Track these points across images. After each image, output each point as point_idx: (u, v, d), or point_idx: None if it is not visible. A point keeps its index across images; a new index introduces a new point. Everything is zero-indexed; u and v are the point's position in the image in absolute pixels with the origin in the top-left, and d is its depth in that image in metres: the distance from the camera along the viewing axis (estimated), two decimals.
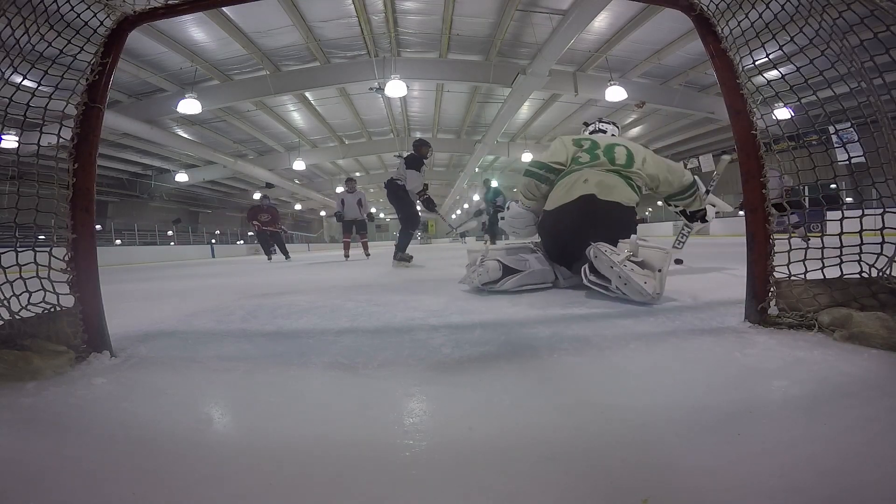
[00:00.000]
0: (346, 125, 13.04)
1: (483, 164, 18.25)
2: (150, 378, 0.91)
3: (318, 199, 23.75)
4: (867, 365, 0.78)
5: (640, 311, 1.38)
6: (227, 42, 7.63)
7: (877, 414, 0.59)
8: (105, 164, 14.08)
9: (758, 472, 0.47)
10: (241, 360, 1.02)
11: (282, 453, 0.56)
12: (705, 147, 16.03)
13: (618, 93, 8.32)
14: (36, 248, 1.00)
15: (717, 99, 10.08)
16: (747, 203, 1.11)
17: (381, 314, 1.54)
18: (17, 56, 1.02)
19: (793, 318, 1.04)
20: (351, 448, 0.57)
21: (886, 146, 0.99)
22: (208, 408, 0.77)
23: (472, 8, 7.07)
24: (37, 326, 0.95)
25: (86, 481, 0.51)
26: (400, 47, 8.39)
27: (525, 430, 0.61)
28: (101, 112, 1.08)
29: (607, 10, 6.52)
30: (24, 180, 1.00)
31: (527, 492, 0.46)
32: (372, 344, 1.13)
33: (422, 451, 0.56)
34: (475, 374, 0.85)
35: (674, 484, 0.46)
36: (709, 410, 0.64)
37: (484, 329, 1.23)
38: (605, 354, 0.95)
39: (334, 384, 0.84)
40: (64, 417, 0.71)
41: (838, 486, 0.44)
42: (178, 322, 1.58)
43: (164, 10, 1.19)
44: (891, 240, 0.97)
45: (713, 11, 1.20)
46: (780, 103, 1.16)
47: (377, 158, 16.79)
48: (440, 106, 11.66)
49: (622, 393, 0.74)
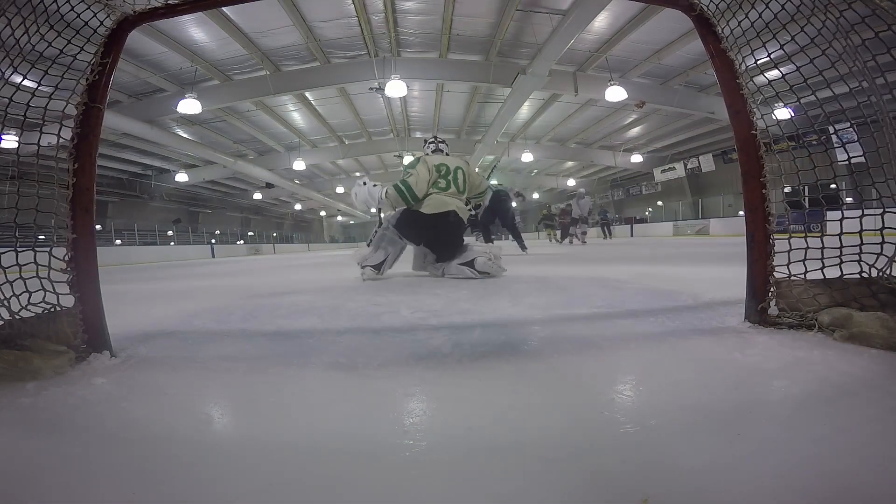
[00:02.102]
0: (346, 125, 13.05)
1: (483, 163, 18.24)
2: (150, 378, 0.91)
3: (319, 199, 23.75)
4: (867, 365, 0.78)
5: (640, 312, 1.38)
6: (227, 42, 7.64)
7: (877, 414, 0.59)
8: (105, 164, 14.09)
9: (758, 472, 0.47)
10: (241, 360, 1.02)
11: (282, 453, 0.56)
12: (705, 147, 16.05)
13: (618, 93, 8.33)
14: (36, 248, 1.00)
15: (717, 99, 10.08)
16: (747, 203, 1.11)
17: (381, 314, 1.54)
18: (17, 56, 1.02)
19: (793, 318, 1.04)
20: (351, 448, 0.57)
21: (887, 146, 0.99)
22: (208, 408, 0.77)
23: (472, 8, 7.07)
24: (37, 326, 0.95)
25: (86, 481, 0.51)
26: (400, 47, 8.39)
27: (525, 430, 0.61)
28: (101, 112, 1.08)
29: (607, 10, 6.53)
30: (24, 180, 1.00)
31: (527, 492, 0.46)
32: (372, 344, 1.13)
33: (422, 451, 0.56)
34: (475, 374, 0.85)
35: (674, 484, 0.46)
36: (709, 410, 0.64)
37: (484, 329, 1.23)
38: (605, 354, 0.95)
39: (334, 384, 0.84)
40: (64, 417, 0.70)
41: (838, 486, 0.44)
42: (178, 322, 1.58)
43: (164, 10, 1.19)
44: (891, 240, 0.97)
45: (713, 11, 1.19)
46: (780, 103, 1.16)
47: (377, 158, 16.78)
48: (440, 106, 11.67)
49: (622, 393, 0.74)
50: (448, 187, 2.85)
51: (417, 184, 2.79)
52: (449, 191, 2.86)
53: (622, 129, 14.39)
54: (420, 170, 2.82)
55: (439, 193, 2.83)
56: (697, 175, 17.17)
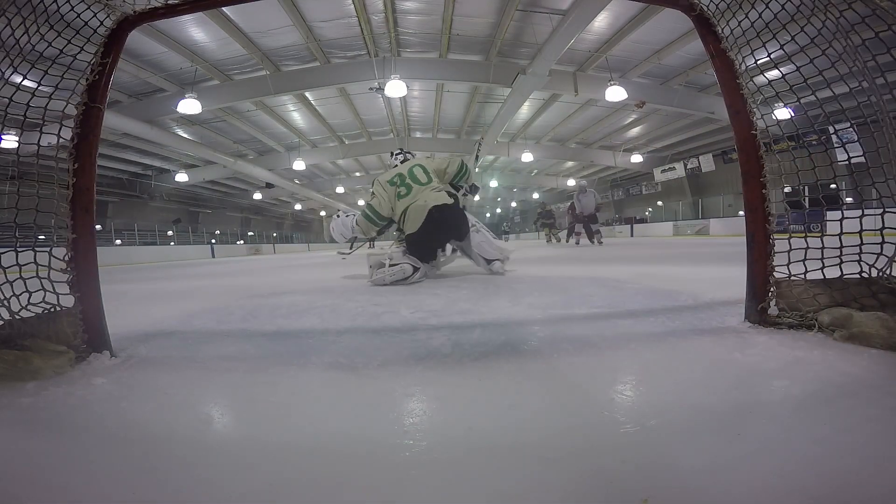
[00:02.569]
0: (346, 125, 13.03)
1: (483, 163, 18.24)
2: (150, 378, 0.91)
3: (319, 199, 23.75)
4: (867, 365, 0.78)
5: (640, 312, 1.38)
6: (227, 42, 7.62)
7: (877, 414, 0.59)
8: (105, 164, 14.08)
9: (758, 472, 0.47)
10: (241, 360, 1.02)
11: (282, 453, 0.56)
12: (705, 147, 16.03)
13: (618, 93, 8.32)
14: (36, 248, 1.00)
15: (717, 99, 10.07)
16: (747, 203, 1.11)
17: (381, 314, 1.54)
18: (17, 56, 1.02)
19: (793, 318, 1.04)
20: (351, 448, 0.57)
21: (887, 146, 0.99)
22: (208, 408, 0.77)
23: (472, 8, 7.06)
24: (37, 326, 0.95)
25: (86, 481, 0.51)
26: (400, 47, 8.38)
27: (525, 430, 0.61)
28: (101, 112, 1.08)
29: (607, 10, 6.52)
30: (24, 180, 1.00)
31: (527, 492, 0.46)
32: (372, 344, 1.13)
33: (422, 450, 0.56)
34: (475, 374, 0.85)
35: (674, 484, 0.46)
36: (709, 410, 0.64)
37: (484, 329, 1.23)
38: (605, 354, 0.95)
39: (334, 384, 0.84)
40: (64, 417, 0.70)
41: (838, 486, 0.44)
42: (178, 322, 1.58)
43: (164, 10, 1.19)
44: (891, 240, 0.97)
45: (713, 11, 1.19)
46: (780, 103, 1.16)
47: (377, 158, 16.77)
48: (440, 106, 11.65)
49: (622, 393, 0.74)
50: (409, 191, 2.79)
51: (381, 205, 2.84)
52: (414, 190, 2.79)
53: (622, 129, 14.38)
54: (377, 190, 2.87)
55: (410, 202, 2.75)
56: (697, 175, 17.16)
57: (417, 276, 2.57)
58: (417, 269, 2.57)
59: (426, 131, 14.00)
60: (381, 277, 2.48)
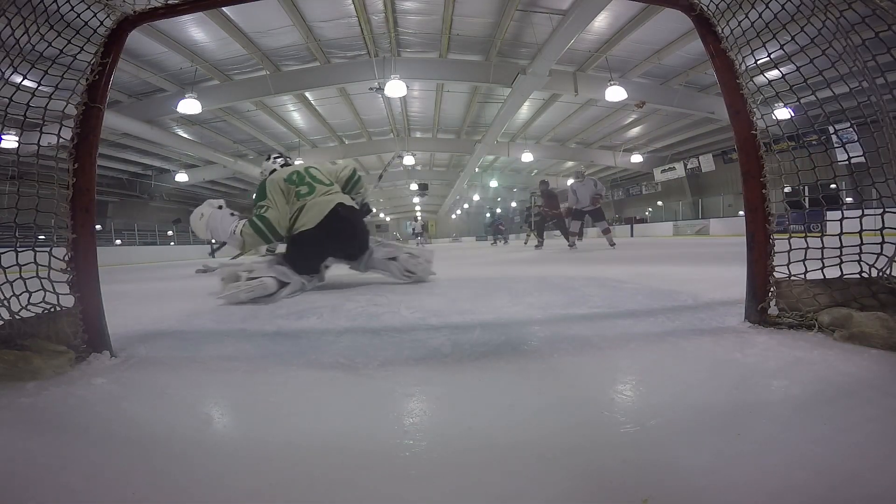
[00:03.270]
0: (346, 125, 13.04)
1: (483, 163, 18.25)
2: (150, 378, 0.91)
3: None
4: (867, 365, 0.78)
5: (639, 312, 1.38)
6: (227, 42, 7.62)
7: (877, 414, 0.59)
8: (105, 164, 14.08)
9: (758, 472, 0.47)
10: (241, 360, 1.02)
11: (282, 453, 0.56)
12: (705, 147, 16.03)
13: (618, 93, 8.32)
14: (36, 248, 1.00)
15: (717, 99, 10.07)
16: (747, 203, 1.11)
17: (380, 314, 1.54)
18: (17, 56, 1.02)
19: (793, 318, 1.04)
20: (351, 448, 0.57)
21: (887, 146, 0.99)
22: (208, 408, 0.77)
23: (472, 8, 7.06)
24: (37, 326, 0.95)
25: (86, 481, 0.51)
26: (400, 47, 8.39)
27: (525, 430, 0.61)
28: (101, 112, 1.08)
29: (607, 10, 6.51)
30: (24, 180, 1.00)
31: (527, 492, 0.46)
32: (372, 344, 1.13)
33: (422, 450, 0.56)
34: (475, 374, 0.85)
35: (674, 484, 0.46)
36: (709, 410, 0.64)
37: (484, 329, 1.23)
38: (605, 354, 0.95)
39: (334, 384, 0.84)
40: (64, 417, 0.71)
41: (838, 486, 0.44)
42: (178, 322, 1.58)
43: (164, 10, 1.19)
44: (891, 240, 0.97)
45: (713, 11, 1.19)
46: (780, 103, 1.16)
47: (377, 158, 16.77)
48: (440, 106, 11.66)
49: (622, 393, 0.74)
50: (312, 190, 2.40)
51: (279, 219, 2.32)
52: (317, 189, 2.43)
53: (622, 129, 14.38)
54: (273, 196, 2.34)
55: (313, 197, 2.38)
56: (697, 175, 17.16)
57: (286, 291, 2.11)
58: (285, 283, 2.12)
59: (426, 131, 14.00)
60: (233, 294, 2.00)
